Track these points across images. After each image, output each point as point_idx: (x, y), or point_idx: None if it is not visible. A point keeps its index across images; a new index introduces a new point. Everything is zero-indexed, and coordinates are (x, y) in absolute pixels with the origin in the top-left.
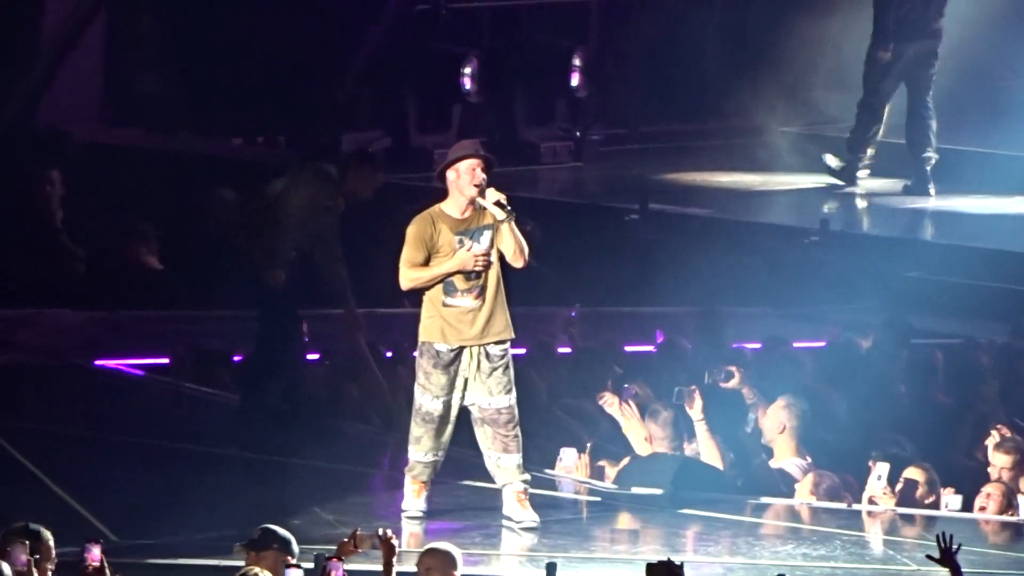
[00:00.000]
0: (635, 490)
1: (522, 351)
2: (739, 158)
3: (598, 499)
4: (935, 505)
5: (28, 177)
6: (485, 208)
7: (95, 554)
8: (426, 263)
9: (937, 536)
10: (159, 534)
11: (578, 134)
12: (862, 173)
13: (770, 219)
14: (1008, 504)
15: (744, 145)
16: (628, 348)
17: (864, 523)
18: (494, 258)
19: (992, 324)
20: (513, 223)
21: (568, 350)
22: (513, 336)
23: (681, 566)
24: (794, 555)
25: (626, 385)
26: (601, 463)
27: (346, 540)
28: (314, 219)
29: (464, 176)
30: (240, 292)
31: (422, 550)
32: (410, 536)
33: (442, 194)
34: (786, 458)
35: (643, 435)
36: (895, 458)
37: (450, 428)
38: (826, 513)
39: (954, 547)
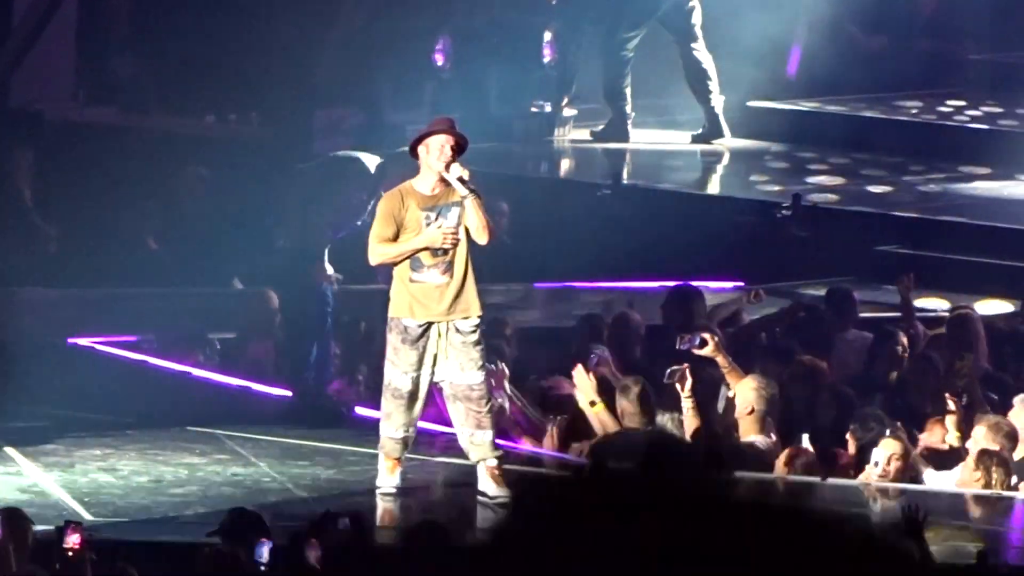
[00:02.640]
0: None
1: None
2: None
3: (570, 475)
4: (911, 474)
5: (0, 155)
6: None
7: (75, 539)
8: (395, 238)
9: (903, 508)
10: (134, 513)
11: (549, 110)
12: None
13: (745, 193)
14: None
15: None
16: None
17: (841, 496)
18: (462, 235)
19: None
20: (477, 200)
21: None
22: (481, 313)
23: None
24: (766, 528)
25: (594, 352)
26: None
27: (319, 518)
28: (345, 215)
29: (433, 152)
30: (214, 271)
31: None
32: (384, 512)
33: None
34: (750, 435)
35: (591, 398)
36: (876, 435)
37: (419, 404)
38: (802, 487)
39: (920, 517)
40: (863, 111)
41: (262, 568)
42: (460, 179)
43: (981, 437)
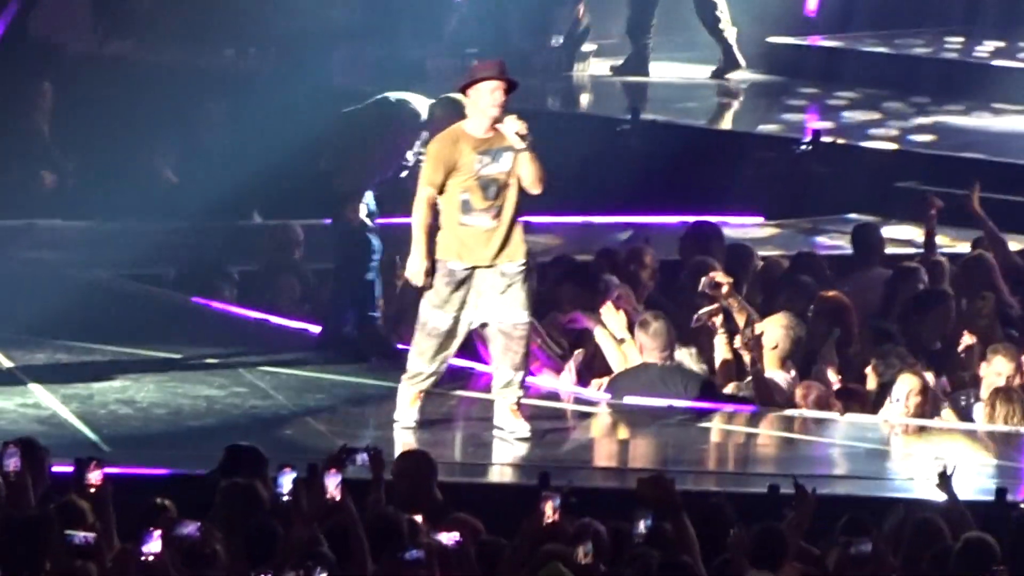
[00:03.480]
0: (627, 400)
1: None
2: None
3: (590, 409)
4: (932, 410)
5: (20, 88)
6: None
7: (96, 475)
8: (443, 184)
9: (938, 467)
10: (153, 446)
11: (562, 42)
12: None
13: (765, 129)
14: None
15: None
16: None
17: (856, 432)
18: (512, 181)
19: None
20: (532, 153)
21: None
22: (525, 259)
23: (672, 481)
24: (786, 464)
25: (613, 287)
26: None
27: (336, 452)
28: (388, 159)
29: (484, 98)
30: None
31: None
32: (403, 446)
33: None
34: (771, 370)
35: (621, 335)
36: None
37: (456, 343)
38: (816, 423)
39: (950, 473)
40: (880, 47)
41: (283, 499)
42: (517, 133)
43: (997, 369)
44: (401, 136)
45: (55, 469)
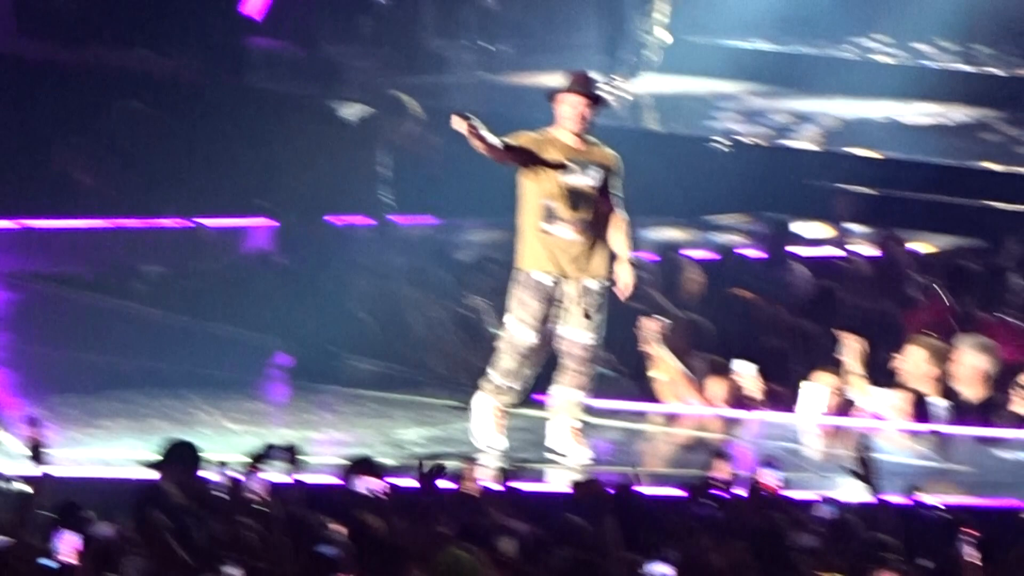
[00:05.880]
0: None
1: None
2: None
3: None
4: (846, 408)
5: None
6: (598, 146)
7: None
8: (517, 152)
9: (855, 450)
10: (67, 447)
11: (486, 44)
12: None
13: (679, 128)
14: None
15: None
16: None
17: (773, 430)
18: (600, 197)
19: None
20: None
21: None
22: (608, 279)
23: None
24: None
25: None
26: None
27: (257, 453)
28: (322, 162)
29: (566, 113)
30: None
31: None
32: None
33: None
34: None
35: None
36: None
37: (540, 358)
38: (729, 421)
39: (870, 458)
40: (790, 47)
41: (215, 496)
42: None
43: (916, 361)
44: (402, 130)
45: None
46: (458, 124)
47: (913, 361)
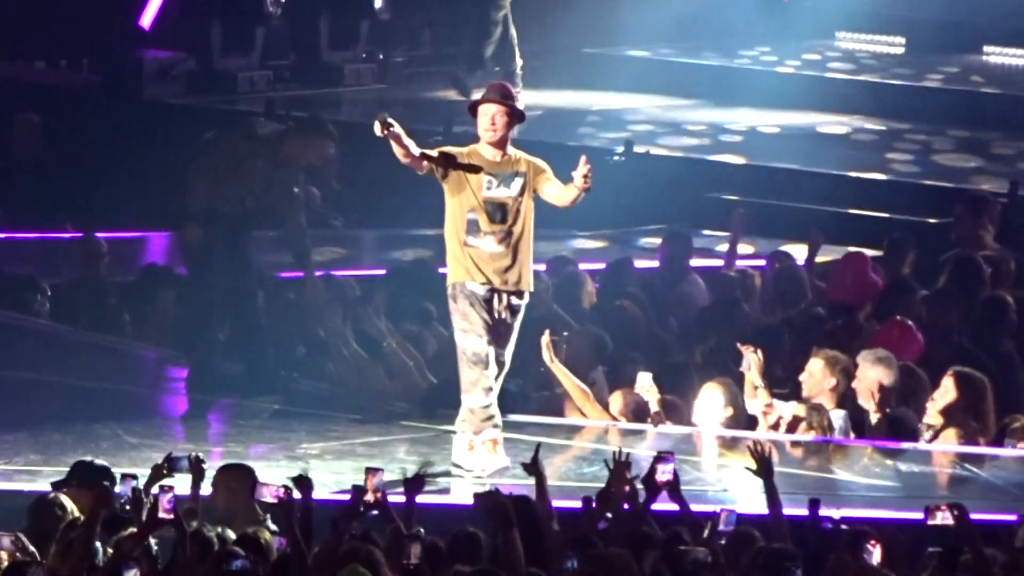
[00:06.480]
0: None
1: None
2: (546, 78)
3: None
4: (742, 421)
5: None
6: (520, 155)
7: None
8: (435, 159)
9: (749, 447)
10: None
11: (381, 57)
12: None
13: (575, 139)
14: (815, 425)
15: (550, 65)
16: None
17: (671, 443)
18: (523, 208)
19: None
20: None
21: None
22: (531, 290)
23: (504, 495)
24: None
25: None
26: None
27: (159, 464)
28: (235, 179)
29: (482, 122)
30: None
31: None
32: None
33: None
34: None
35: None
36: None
37: (495, 371)
38: (633, 434)
39: (767, 455)
40: (674, 57)
41: (124, 507)
42: (584, 176)
43: (817, 370)
44: (230, 155)
45: None
46: (379, 129)
47: (812, 373)
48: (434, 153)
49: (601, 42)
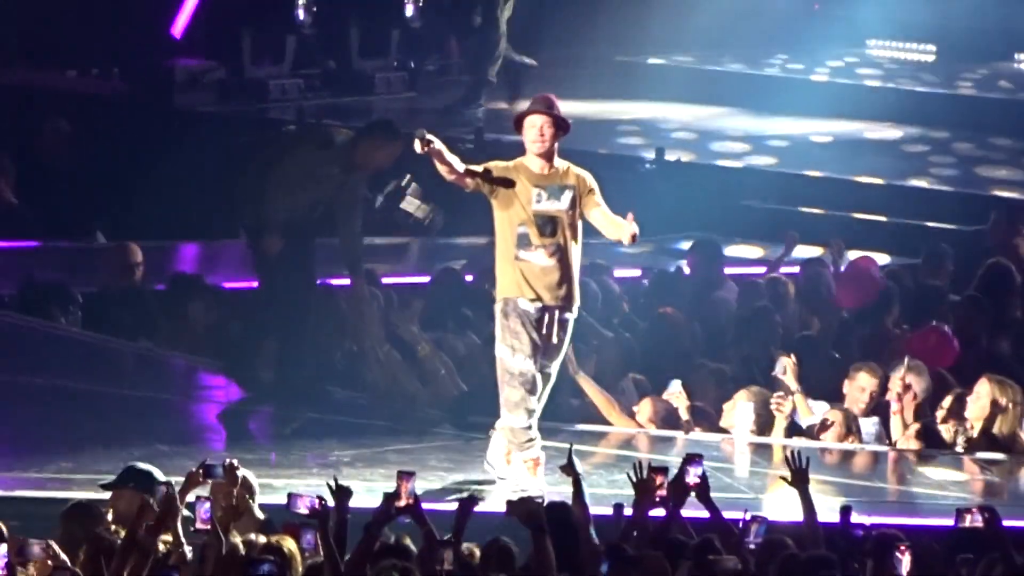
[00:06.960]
0: None
1: None
2: (577, 87)
3: None
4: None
5: None
6: (567, 167)
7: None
8: (482, 175)
9: (786, 457)
10: None
11: (412, 65)
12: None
13: (607, 148)
14: (848, 431)
15: (581, 74)
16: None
17: (703, 450)
18: (573, 221)
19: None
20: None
21: None
22: (579, 304)
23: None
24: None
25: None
26: None
27: (193, 471)
28: (310, 187)
29: (528, 134)
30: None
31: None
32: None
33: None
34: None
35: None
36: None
37: (546, 391)
38: (663, 441)
39: (804, 466)
40: (705, 65)
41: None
42: (632, 235)
43: (861, 385)
44: (305, 164)
45: None
46: (419, 146)
47: (858, 383)
48: (479, 169)
49: (633, 51)
